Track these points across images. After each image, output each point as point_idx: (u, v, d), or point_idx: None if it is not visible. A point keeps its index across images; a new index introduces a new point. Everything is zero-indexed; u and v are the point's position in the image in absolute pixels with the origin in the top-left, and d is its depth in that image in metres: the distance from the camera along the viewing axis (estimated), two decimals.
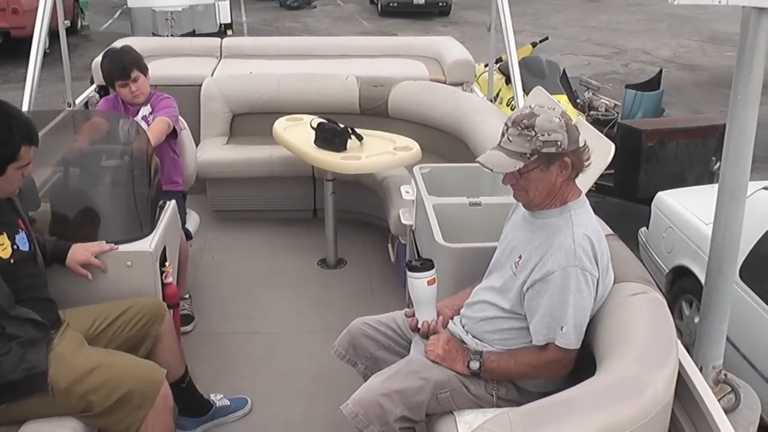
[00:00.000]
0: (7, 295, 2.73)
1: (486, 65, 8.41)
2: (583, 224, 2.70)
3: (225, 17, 18.80)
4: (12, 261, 2.85)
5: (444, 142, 5.68)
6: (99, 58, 6.43)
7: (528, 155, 2.65)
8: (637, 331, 2.51)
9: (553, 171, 2.67)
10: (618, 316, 2.63)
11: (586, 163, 2.73)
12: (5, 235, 2.88)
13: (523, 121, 2.66)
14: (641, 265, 3.07)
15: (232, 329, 4.61)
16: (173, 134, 4.53)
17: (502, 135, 2.74)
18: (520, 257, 2.77)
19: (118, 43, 7.15)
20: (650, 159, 6.76)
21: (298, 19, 22.75)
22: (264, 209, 6.06)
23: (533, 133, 2.64)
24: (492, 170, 2.71)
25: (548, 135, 2.63)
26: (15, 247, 2.90)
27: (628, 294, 2.69)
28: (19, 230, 2.98)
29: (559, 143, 2.63)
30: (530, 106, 2.71)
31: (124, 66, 4.42)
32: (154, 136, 4.18)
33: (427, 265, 2.96)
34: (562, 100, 7.89)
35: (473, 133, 5.14)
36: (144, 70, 4.50)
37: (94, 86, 6.57)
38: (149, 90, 4.54)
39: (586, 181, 2.87)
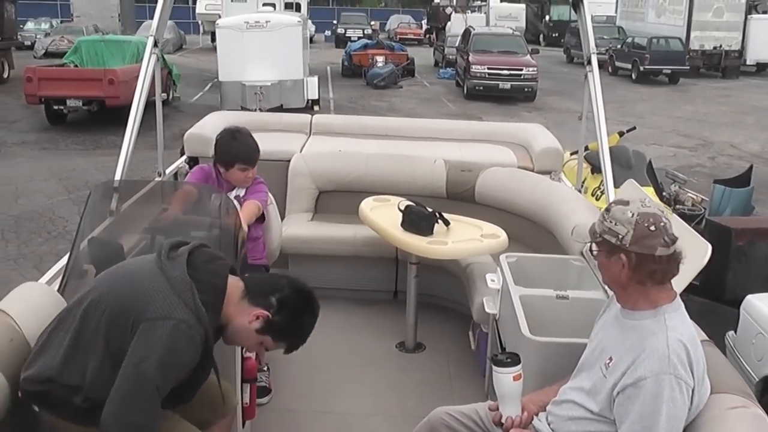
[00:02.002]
0: None
1: (571, 153, 8.37)
2: (678, 329, 2.63)
3: (313, 93, 19.29)
4: None
5: (531, 231, 5.64)
6: (198, 131, 6.70)
7: (597, 235, 2.72)
8: None
9: (615, 263, 2.68)
10: (715, 431, 2.52)
11: (654, 274, 2.66)
12: None
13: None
14: (739, 375, 2.95)
15: (305, 407, 4.57)
16: (261, 218, 4.59)
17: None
18: (611, 359, 2.70)
19: (213, 117, 7.41)
20: (739, 259, 6.55)
21: (383, 98, 23.16)
22: (344, 287, 6.06)
23: (605, 217, 2.71)
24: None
25: (614, 224, 2.66)
26: None
27: (727, 407, 2.58)
28: None
29: (620, 236, 2.65)
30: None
31: (253, 152, 4.51)
32: (245, 217, 4.21)
33: (514, 360, 2.91)
34: (649, 192, 7.77)
35: (561, 223, 5.08)
36: (258, 158, 4.58)
37: (184, 157, 6.73)
38: None
39: (681, 281, 2.81)
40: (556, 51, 40.37)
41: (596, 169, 7.68)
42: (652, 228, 2.64)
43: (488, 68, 23.36)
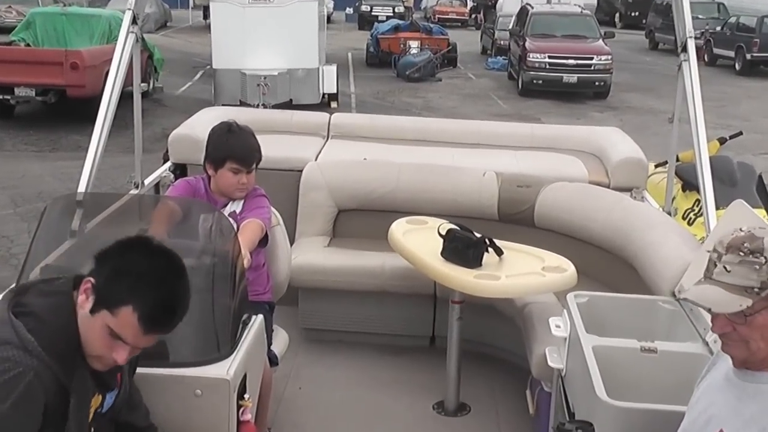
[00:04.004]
0: None
1: (657, 165, 8.30)
2: None
3: (330, 86, 19.33)
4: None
5: (606, 264, 5.62)
6: (186, 131, 6.73)
7: (757, 290, 2.54)
8: None
9: None
10: None
11: None
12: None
13: (745, 245, 2.57)
14: None
15: None
16: (263, 241, 4.59)
17: (712, 264, 2.63)
18: None
19: (204, 114, 7.43)
20: None
21: (418, 94, 23.26)
22: (369, 331, 6.06)
23: (763, 259, 2.54)
24: (710, 310, 2.61)
25: None
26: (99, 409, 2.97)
27: None
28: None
29: None
30: (742, 228, 2.63)
31: (251, 151, 4.55)
32: (246, 242, 4.20)
33: (585, 430, 2.87)
34: (761, 215, 7.68)
35: (645, 254, 5.03)
36: (259, 162, 4.62)
37: (168, 164, 6.77)
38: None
39: None
40: (635, 34, 40.32)
41: (690, 185, 7.58)
42: None
43: (549, 57, 23.34)
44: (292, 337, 5.13)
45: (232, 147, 4.51)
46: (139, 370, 3.21)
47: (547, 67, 23.30)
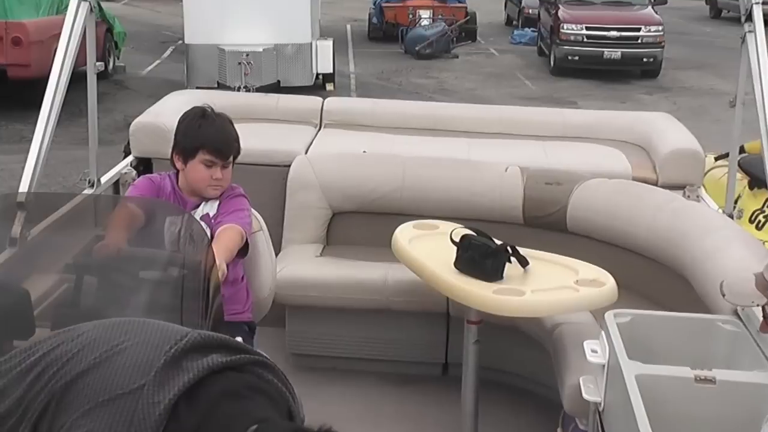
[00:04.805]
0: None
1: (717, 158, 8.29)
2: None
3: (325, 65, 19.34)
4: None
5: (653, 277, 5.63)
6: (151, 119, 6.74)
7: None
8: None
9: None
10: None
11: None
12: None
13: None
14: None
15: None
16: (243, 250, 4.59)
17: None
18: None
19: (174, 98, 7.44)
20: None
21: (430, 73, 23.28)
22: (369, 357, 6.09)
23: None
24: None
25: None
26: None
27: None
28: None
29: None
30: None
31: (228, 140, 4.59)
32: (222, 252, 4.21)
33: None
34: None
35: (702, 265, 5.02)
36: (238, 154, 4.66)
37: (129, 159, 6.79)
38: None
39: None
40: (693, 0, 40.24)
41: (758, 181, 7.59)
42: None
43: (587, 28, 23.32)
44: (278, 364, 5.11)
45: (206, 134, 4.54)
46: None
47: (585, 40, 23.22)
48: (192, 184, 4.58)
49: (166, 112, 6.73)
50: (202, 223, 4.41)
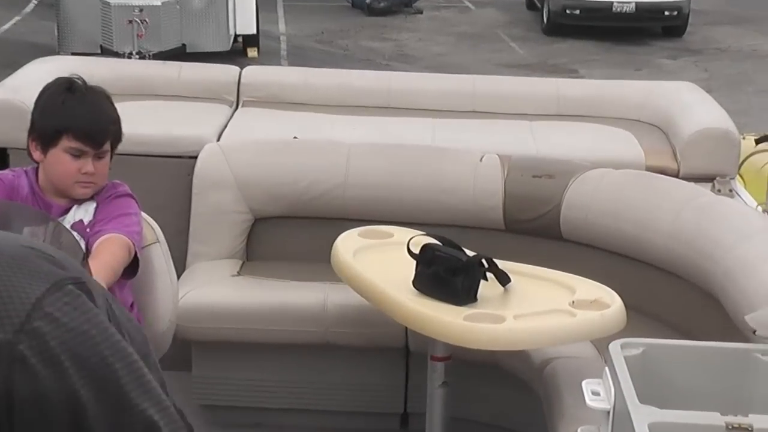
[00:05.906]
0: None
1: (759, 140, 8.31)
2: None
3: (246, 24, 19.45)
4: None
5: (672, 296, 5.67)
6: (8, 96, 6.73)
7: None
8: None
9: None
10: None
11: None
12: None
13: None
14: None
15: None
16: (131, 268, 4.54)
17: None
18: None
19: (39, 67, 7.39)
20: None
21: (386, 34, 23.49)
22: (305, 408, 6.12)
23: None
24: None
25: None
26: None
27: None
28: None
29: None
30: None
31: (103, 121, 4.55)
32: (103, 270, 4.14)
33: None
34: None
35: (735, 280, 5.01)
36: (118, 142, 4.61)
37: None
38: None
39: None
40: None
41: None
42: None
43: None
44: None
45: (71, 114, 4.50)
46: None
47: None
48: (54, 180, 4.55)
49: (27, 86, 6.59)
50: (74, 233, 4.30)
